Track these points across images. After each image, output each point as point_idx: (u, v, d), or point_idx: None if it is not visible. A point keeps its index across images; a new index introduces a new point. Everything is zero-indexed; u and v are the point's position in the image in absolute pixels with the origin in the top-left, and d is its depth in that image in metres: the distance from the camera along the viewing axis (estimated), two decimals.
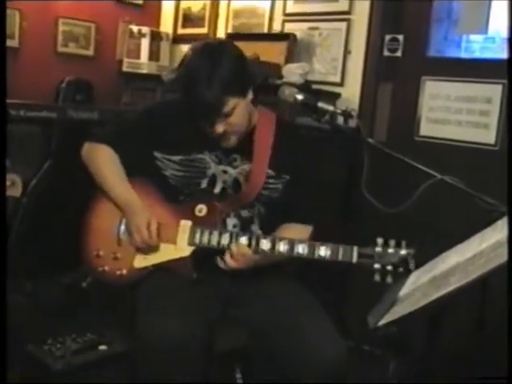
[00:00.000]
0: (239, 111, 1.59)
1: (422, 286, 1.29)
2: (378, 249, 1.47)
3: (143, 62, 3.49)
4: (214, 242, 1.59)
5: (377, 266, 1.46)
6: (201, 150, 1.69)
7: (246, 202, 1.68)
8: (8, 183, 1.31)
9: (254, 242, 1.56)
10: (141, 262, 1.68)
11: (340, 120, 1.84)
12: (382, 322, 1.20)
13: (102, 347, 1.96)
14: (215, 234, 1.60)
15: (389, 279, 1.44)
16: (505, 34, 2.59)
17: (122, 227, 1.72)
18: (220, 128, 1.59)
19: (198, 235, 1.61)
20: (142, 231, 1.62)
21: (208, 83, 1.50)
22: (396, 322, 1.17)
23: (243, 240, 1.56)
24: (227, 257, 1.56)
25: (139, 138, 1.74)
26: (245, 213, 1.71)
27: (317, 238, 1.60)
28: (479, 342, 1.61)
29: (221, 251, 1.59)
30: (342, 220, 2.81)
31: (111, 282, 1.72)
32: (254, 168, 1.68)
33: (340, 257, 1.49)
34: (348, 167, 2.78)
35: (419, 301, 1.20)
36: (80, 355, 1.91)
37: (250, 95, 1.64)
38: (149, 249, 1.65)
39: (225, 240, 1.58)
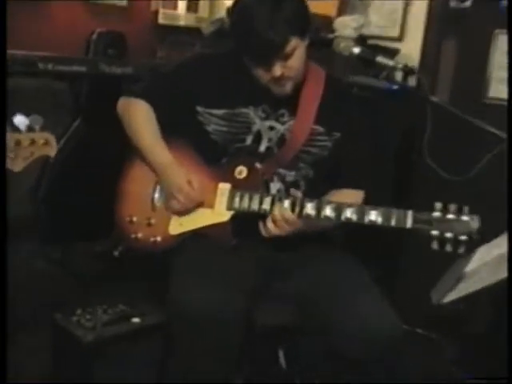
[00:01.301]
0: (298, 53, 1.60)
1: (490, 263, 1.26)
2: (437, 214, 1.42)
3: (181, 14, 3.46)
4: (255, 206, 1.60)
5: (435, 232, 1.41)
6: (246, 104, 1.70)
7: (287, 159, 1.68)
8: (41, 141, 1.32)
9: (297, 206, 1.54)
10: (176, 228, 1.69)
11: (399, 77, 1.80)
12: (447, 299, 1.17)
13: (135, 319, 1.98)
14: (256, 197, 1.60)
15: (448, 248, 1.39)
16: None
17: (157, 191, 1.74)
18: (278, 71, 1.59)
19: (237, 199, 1.62)
20: (184, 188, 1.63)
21: (271, 21, 1.52)
22: (463, 300, 1.14)
23: (286, 204, 1.55)
24: (269, 222, 1.55)
25: (180, 90, 1.74)
26: (290, 176, 1.71)
27: None
28: None
29: (263, 216, 1.59)
30: (399, 188, 2.76)
31: (145, 250, 1.74)
32: (297, 123, 1.69)
33: (393, 222, 1.46)
34: (407, 129, 2.72)
35: (487, 278, 1.16)
36: (111, 327, 1.93)
37: (307, 40, 1.64)
38: (189, 210, 1.66)
39: (266, 204, 1.58)
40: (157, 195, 1.74)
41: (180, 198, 1.64)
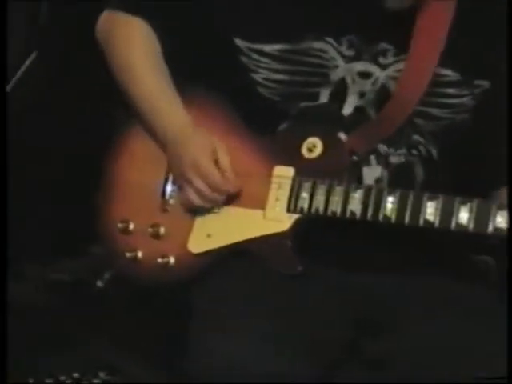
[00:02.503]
0: None
1: None
2: None
3: None
4: (336, 206, 1.60)
5: None
6: (320, 34, 1.71)
7: (392, 128, 1.70)
8: None
9: (411, 206, 1.54)
10: (201, 242, 1.72)
11: None
12: None
13: None
14: (339, 191, 1.61)
15: None
16: None
17: (170, 182, 1.77)
18: None
19: (305, 194, 1.64)
20: (208, 166, 1.63)
21: None
22: None
23: (390, 202, 1.56)
24: None
25: (205, 9, 1.75)
26: (397, 156, 1.73)
27: None
28: None
29: (350, 223, 1.60)
30: None
31: (147, 279, 1.78)
32: (411, 64, 1.69)
33: None
34: None
35: None
36: None
37: None
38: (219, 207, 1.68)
39: (356, 203, 1.59)
40: (169, 188, 1.78)
41: (198, 185, 1.64)
